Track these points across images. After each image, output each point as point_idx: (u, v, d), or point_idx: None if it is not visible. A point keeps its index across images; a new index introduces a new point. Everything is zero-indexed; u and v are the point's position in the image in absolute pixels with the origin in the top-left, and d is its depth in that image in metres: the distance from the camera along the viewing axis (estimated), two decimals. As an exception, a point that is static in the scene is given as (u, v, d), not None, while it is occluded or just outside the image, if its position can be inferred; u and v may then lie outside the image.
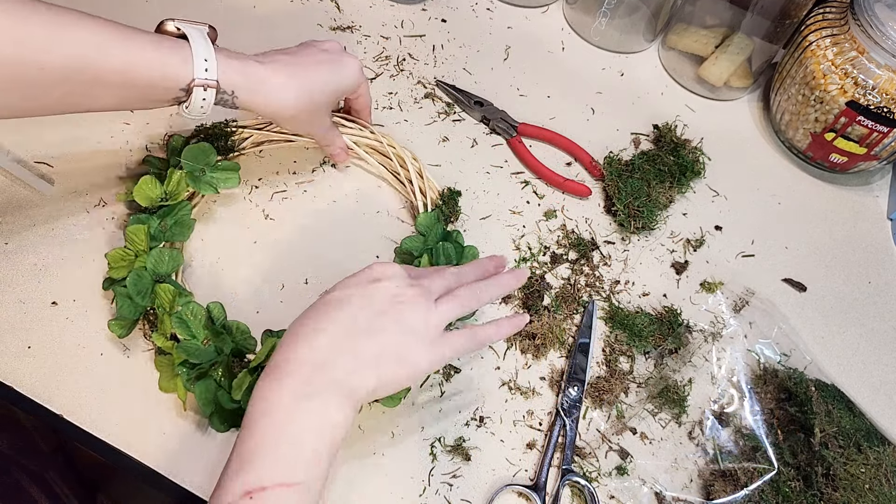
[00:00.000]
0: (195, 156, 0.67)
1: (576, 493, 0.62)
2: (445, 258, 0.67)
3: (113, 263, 0.62)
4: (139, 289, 0.60)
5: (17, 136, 0.69)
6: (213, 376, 0.58)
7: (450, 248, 0.67)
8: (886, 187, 0.87)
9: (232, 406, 0.57)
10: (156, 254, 0.62)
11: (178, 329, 0.58)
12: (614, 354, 0.68)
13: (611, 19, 0.89)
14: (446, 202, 0.72)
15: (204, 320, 0.60)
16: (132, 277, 0.60)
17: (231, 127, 0.72)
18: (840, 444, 0.63)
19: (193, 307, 0.60)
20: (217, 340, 0.59)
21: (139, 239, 0.62)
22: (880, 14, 0.74)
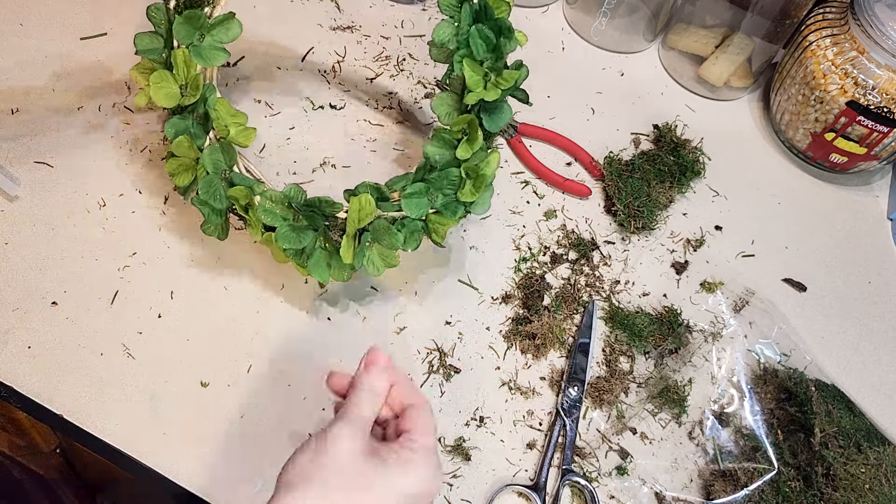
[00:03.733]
0: (186, 28, 0.60)
1: (576, 493, 0.62)
2: (485, 42, 0.61)
3: (172, 171, 0.62)
4: (212, 193, 0.60)
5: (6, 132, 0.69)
6: (318, 247, 0.60)
7: (485, 29, 0.61)
8: (886, 187, 0.87)
9: (345, 266, 0.60)
10: (211, 157, 0.61)
11: (268, 219, 0.59)
12: (614, 354, 0.68)
13: (611, 19, 0.89)
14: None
15: (286, 204, 0.60)
16: (203, 186, 0.60)
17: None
18: (840, 444, 0.63)
19: (272, 194, 0.60)
20: (309, 220, 0.60)
21: (186, 147, 0.61)
22: (880, 14, 0.74)
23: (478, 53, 0.61)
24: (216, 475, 0.58)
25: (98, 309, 0.63)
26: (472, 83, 0.61)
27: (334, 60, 0.83)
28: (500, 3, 0.62)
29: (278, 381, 0.63)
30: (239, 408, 0.61)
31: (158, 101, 0.60)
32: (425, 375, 0.65)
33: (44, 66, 0.76)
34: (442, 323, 0.68)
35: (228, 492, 0.58)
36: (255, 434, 0.60)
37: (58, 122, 0.72)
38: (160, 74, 0.60)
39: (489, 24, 0.61)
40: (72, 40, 0.78)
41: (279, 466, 0.59)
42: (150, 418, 0.59)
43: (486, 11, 0.61)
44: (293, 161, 0.75)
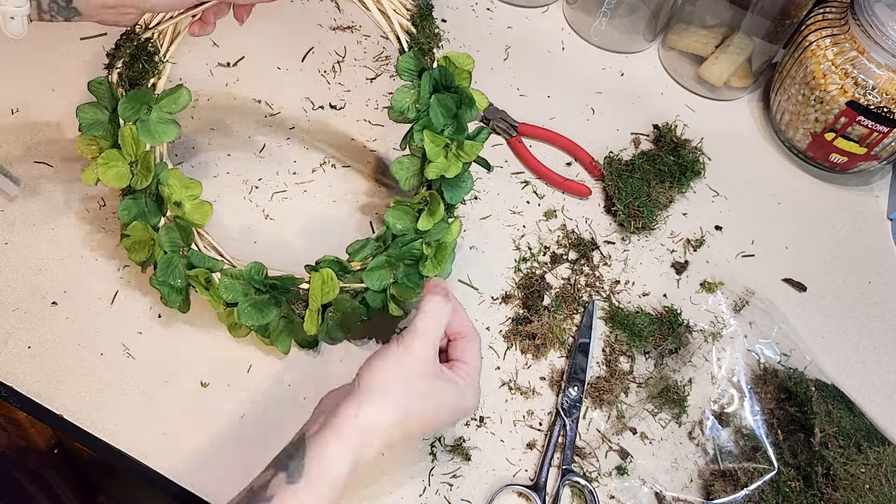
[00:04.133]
0: (132, 106, 0.59)
1: (576, 493, 0.62)
2: (445, 112, 0.60)
3: (128, 248, 0.61)
4: (171, 272, 0.60)
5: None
6: (280, 319, 0.61)
7: (446, 99, 0.60)
8: (886, 187, 0.87)
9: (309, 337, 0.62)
10: (165, 236, 0.60)
11: (230, 296, 0.59)
12: (614, 354, 0.68)
13: (611, 19, 0.89)
14: (420, 27, 0.61)
15: (247, 282, 0.60)
16: (161, 265, 0.60)
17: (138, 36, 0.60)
18: (840, 444, 0.63)
19: (232, 272, 0.60)
20: (272, 297, 0.60)
21: (141, 229, 0.60)
22: (880, 14, 0.74)
23: (437, 124, 0.60)
24: (216, 475, 0.58)
25: (98, 309, 0.63)
26: (431, 154, 0.60)
27: (334, 60, 0.83)
28: (461, 71, 0.61)
29: (278, 381, 0.63)
30: (239, 408, 0.61)
31: (108, 182, 0.59)
32: (425, 375, 0.65)
33: (44, 66, 0.76)
34: (442, 323, 0.68)
35: (228, 492, 0.57)
36: (255, 434, 0.60)
37: (58, 122, 0.72)
38: (108, 154, 0.58)
39: (450, 94, 0.60)
40: (72, 40, 0.78)
41: (279, 466, 0.59)
42: (150, 418, 0.59)
43: (447, 80, 0.60)
44: (293, 161, 0.75)
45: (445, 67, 0.60)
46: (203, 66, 0.79)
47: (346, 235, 0.71)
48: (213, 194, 0.71)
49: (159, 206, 0.61)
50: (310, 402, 0.62)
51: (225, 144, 0.74)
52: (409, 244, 0.62)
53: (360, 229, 0.72)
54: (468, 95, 0.61)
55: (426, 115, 0.59)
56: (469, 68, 0.61)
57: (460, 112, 0.61)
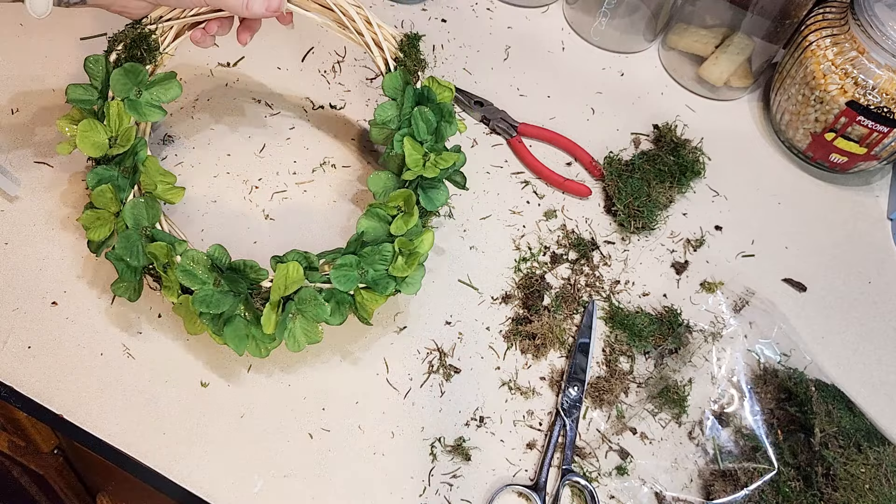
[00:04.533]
0: (124, 80, 0.61)
1: (576, 493, 0.62)
2: (426, 125, 0.63)
3: (88, 225, 0.59)
4: (130, 250, 0.58)
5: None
6: (238, 316, 0.58)
7: (427, 112, 0.63)
8: (886, 187, 0.87)
9: (264, 338, 0.58)
10: (132, 212, 0.58)
11: (186, 281, 0.57)
12: (614, 354, 0.68)
13: (611, 19, 0.89)
14: (407, 53, 0.65)
15: (209, 265, 0.58)
16: (120, 241, 0.58)
17: (142, 27, 0.63)
18: (840, 444, 0.63)
19: (193, 254, 0.57)
20: (230, 284, 0.57)
21: (108, 198, 0.59)
22: (880, 14, 0.74)
23: (419, 134, 0.62)
24: (216, 475, 0.58)
25: (98, 309, 0.63)
26: (411, 161, 0.61)
27: (334, 60, 0.83)
28: (442, 88, 0.64)
29: (278, 381, 0.63)
30: (239, 408, 0.61)
31: (84, 149, 0.59)
32: (425, 375, 0.65)
33: (44, 66, 0.76)
34: (442, 323, 0.68)
35: (228, 492, 0.58)
36: (255, 434, 0.60)
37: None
38: (88, 123, 0.59)
39: (431, 107, 0.62)
40: (72, 40, 0.78)
41: (279, 466, 0.59)
42: (150, 418, 0.59)
43: (429, 95, 0.63)
44: (293, 161, 0.75)
45: (428, 86, 0.64)
46: (203, 66, 0.79)
47: (345, 236, 0.71)
48: (213, 194, 0.71)
49: (131, 182, 0.60)
50: (310, 401, 0.62)
51: (225, 144, 0.74)
52: (380, 244, 0.60)
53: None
54: (449, 110, 0.63)
55: (407, 125, 0.62)
56: (450, 86, 0.64)
57: (440, 125, 0.63)
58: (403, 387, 0.64)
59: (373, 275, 0.60)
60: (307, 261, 0.60)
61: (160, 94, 0.62)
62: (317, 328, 0.59)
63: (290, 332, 0.58)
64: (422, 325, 0.67)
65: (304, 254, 0.60)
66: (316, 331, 0.59)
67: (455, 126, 0.65)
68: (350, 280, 0.59)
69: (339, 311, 0.60)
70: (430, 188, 0.64)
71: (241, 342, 0.58)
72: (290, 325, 0.58)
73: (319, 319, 0.59)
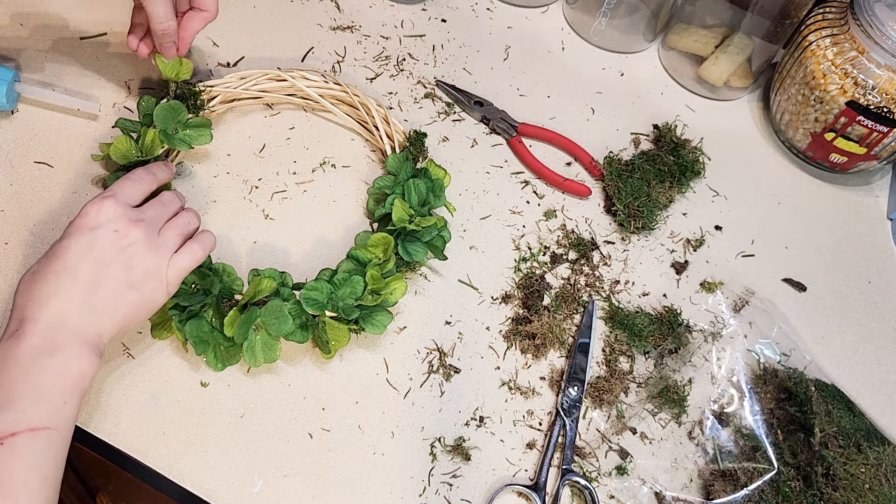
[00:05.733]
0: (166, 115, 0.68)
1: (576, 493, 0.62)
2: (417, 194, 0.68)
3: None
4: None
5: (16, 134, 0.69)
6: (204, 317, 0.60)
7: (420, 183, 0.69)
8: (886, 187, 0.87)
9: (226, 343, 0.60)
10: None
11: None
12: (614, 354, 0.68)
13: (611, 19, 0.89)
14: (413, 143, 0.74)
15: None
16: None
17: (199, 87, 0.73)
18: (840, 444, 0.63)
19: None
20: (204, 283, 0.61)
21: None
22: (880, 14, 0.74)
23: (410, 200, 0.68)
24: (216, 475, 0.58)
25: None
26: (397, 220, 0.66)
27: (334, 60, 0.83)
28: (438, 169, 0.72)
29: (278, 381, 0.63)
30: (239, 408, 0.61)
31: (114, 156, 0.66)
32: (425, 375, 0.65)
33: (43, 66, 0.75)
34: (442, 323, 0.68)
35: (228, 492, 0.58)
36: (255, 434, 0.60)
37: (58, 122, 0.72)
38: (124, 139, 0.66)
39: (424, 181, 0.70)
40: (72, 40, 0.78)
41: (279, 466, 0.59)
42: (150, 418, 0.59)
43: (425, 174, 0.71)
44: (293, 161, 0.75)
45: (426, 167, 0.72)
46: (203, 66, 0.79)
47: (345, 236, 0.71)
48: (213, 194, 0.71)
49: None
50: (310, 401, 0.62)
51: (225, 145, 0.74)
52: (352, 276, 0.63)
53: (359, 229, 0.72)
54: (440, 186, 0.71)
55: (401, 192, 0.69)
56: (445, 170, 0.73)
57: (430, 197, 0.70)
58: (403, 387, 0.64)
59: (340, 305, 0.62)
60: (282, 279, 0.63)
61: (193, 137, 0.69)
62: (276, 346, 0.61)
63: (249, 345, 0.60)
64: (422, 325, 0.67)
65: (281, 273, 0.64)
66: (275, 349, 0.61)
67: (443, 200, 0.71)
68: (317, 304, 0.61)
69: (302, 330, 0.61)
70: (410, 243, 0.67)
71: (202, 343, 0.60)
72: (252, 338, 0.60)
73: (281, 333, 0.60)
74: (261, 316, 0.60)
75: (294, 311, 0.61)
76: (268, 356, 0.60)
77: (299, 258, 0.69)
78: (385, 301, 0.63)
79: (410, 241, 0.67)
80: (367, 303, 0.62)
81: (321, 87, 0.76)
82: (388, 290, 0.63)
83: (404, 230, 0.66)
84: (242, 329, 0.59)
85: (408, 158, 0.71)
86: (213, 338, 0.60)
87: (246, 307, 0.60)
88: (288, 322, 0.60)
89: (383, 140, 0.74)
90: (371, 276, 0.63)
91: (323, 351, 0.62)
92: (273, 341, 0.61)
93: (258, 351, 0.60)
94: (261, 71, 0.76)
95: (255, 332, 0.60)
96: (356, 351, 0.65)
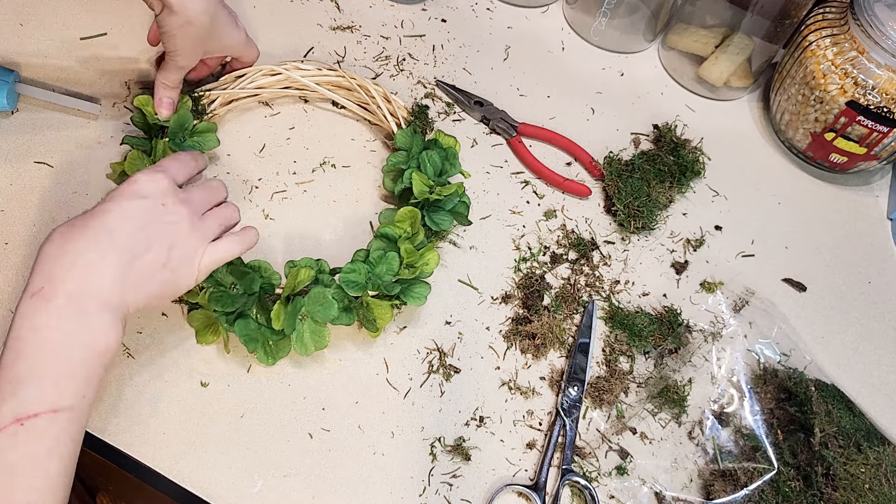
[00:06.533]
0: (175, 125, 0.68)
1: (576, 493, 0.62)
2: (432, 165, 0.70)
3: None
4: None
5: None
6: (249, 315, 0.60)
7: (434, 154, 0.70)
8: (886, 187, 0.87)
9: (274, 338, 0.60)
10: None
11: (205, 281, 0.59)
12: (614, 354, 0.68)
13: (611, 19, 0.89)
14: (417, 117, 0.75)
15: (226, 267, 0.60)
16: None
17: (197, 92, 0.73)
18: (840, 444, 0.63)
19: None
20: (243, 282, 0.60)
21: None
22: (880, 14, 0.74)
23: (426, 171, 0.69)
24: (216, 475, 0.58)
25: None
26: (418, 192, 0.67)
27: (334, 60, 0.83)
28: (448, 138, 0.73)
29: (278, 381, 0.63)
30: (239, 408, 0.61)
31: (129, 172, 0.65)
32: (425, 375, 0.65)
33: (43, 66, 0.76)
34: (442, 323, 0.68)
35: (228, 492, 0.58)
36: (255, 434, 0.60)
37: (58, 122, 0.72)
38: (137, 154, 0.66)
39: (437, 151, 0.71)
40: (72, 40, 0.78)
41: (279, 466, 0.59)
42: (150, 418, 0.59)
43: (436, 144, 0.72)
44: (293, 161, 0.75)
45: (435, 138, 0.73)
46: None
47: (345, 235, 0.71)
48: (213, 194, 0.71)
49: None
50: (310, 401, 0.62)
51: (225, 145, 0.74)
52: (387, 254, 0.63)
53: (359, 229, 0.72)
54: (453, 153, 0.72)
55: (416, 165, 0.70)
56: (454, 138, 0.73)
57: (445, 165, 0.71)
58: (403, 387, 0.64)
59: (379, 282, 0.62)
60: (319, 266, 0.63)
61: (201, 143, 0.69)
62: (324, 333, 0.61)
63: (298, 335, 0.60)
64: (422, 324, 0.67)
65: (317, 261, 0.64)
66: (324, 335, 0.61)
67: (458, 167, 0.72)
68: (357, 285, 0.62)
69: (347, 313, 0.62)
70: (435, 213, 0.68)
71: (252, 341, 0.60)
72: (300, 328, 0.60)
73: (327, 319, 0.60)
74: (305, 305, 0.60)
75: (337, 296, 0.61)
76: (318, 343, 0.61)
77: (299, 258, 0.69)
78: (421, 273, 0.64)
79: (434, 210, 0.68)
80: (405, 276, 0.63)
81: (316, 75, 0.76)
82: (423, 261, 0.64)
83: (427, 201, 0.67)
84: (290, 320, 0.59)
85: (416, 132, 0.72)
86: (262, 334, 0.60)
87: (289, 299, 0.60)
88: (333, 307, 0.60)
89: (388, 118, 0.74)
90: (406, 250, 0.64)
91: (370, 329, 0.62)
92: (321, 328, 0.61)
93: (307, 339, 0.60)
94: (255, 68, 0.75)
95: (301, 322, 0.60)
96: (356, 351, 0.65)
